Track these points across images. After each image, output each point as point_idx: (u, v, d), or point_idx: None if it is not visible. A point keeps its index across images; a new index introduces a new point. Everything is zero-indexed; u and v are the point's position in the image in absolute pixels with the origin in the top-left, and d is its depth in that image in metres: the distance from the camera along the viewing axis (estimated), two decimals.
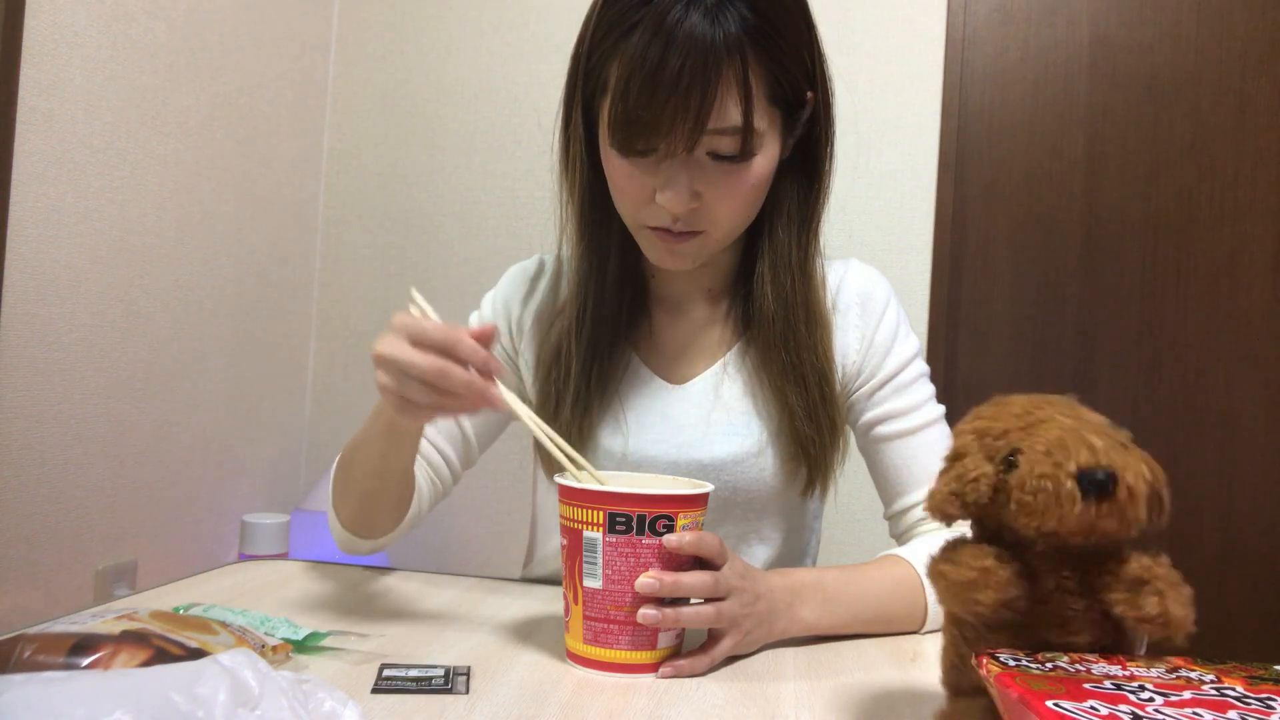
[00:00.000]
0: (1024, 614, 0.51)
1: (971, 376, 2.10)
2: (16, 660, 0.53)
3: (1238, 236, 2.01)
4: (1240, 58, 2.02)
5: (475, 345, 0.71)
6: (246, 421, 2.11)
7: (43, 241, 1.55)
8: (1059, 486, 0.48)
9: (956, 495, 0.52)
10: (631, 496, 0.68)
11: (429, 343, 0.70)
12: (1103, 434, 0.51)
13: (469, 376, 0.70)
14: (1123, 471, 0.48)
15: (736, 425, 0.93)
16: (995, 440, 0.53)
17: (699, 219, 0.84)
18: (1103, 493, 0.48)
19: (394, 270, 2.32)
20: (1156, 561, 0.51)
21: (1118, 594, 0.50)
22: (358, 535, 0.93)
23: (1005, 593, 0.50)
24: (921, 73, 2.09)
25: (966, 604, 0.51)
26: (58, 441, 1.60)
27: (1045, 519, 0.49)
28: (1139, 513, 0.49)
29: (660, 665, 0.70)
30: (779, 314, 0.91)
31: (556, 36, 2.23)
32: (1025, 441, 0.51)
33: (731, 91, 0.77)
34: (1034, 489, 0.49)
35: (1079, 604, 0.52)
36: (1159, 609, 0.49)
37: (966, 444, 0.55)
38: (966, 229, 2.11)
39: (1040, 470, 0.49)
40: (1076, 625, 0.52)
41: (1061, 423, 0.52)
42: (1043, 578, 0.52)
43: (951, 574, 0.51)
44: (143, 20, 1.72)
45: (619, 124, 0.80)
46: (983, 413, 0.56)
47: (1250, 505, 1.99)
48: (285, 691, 0.48)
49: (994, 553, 0.51)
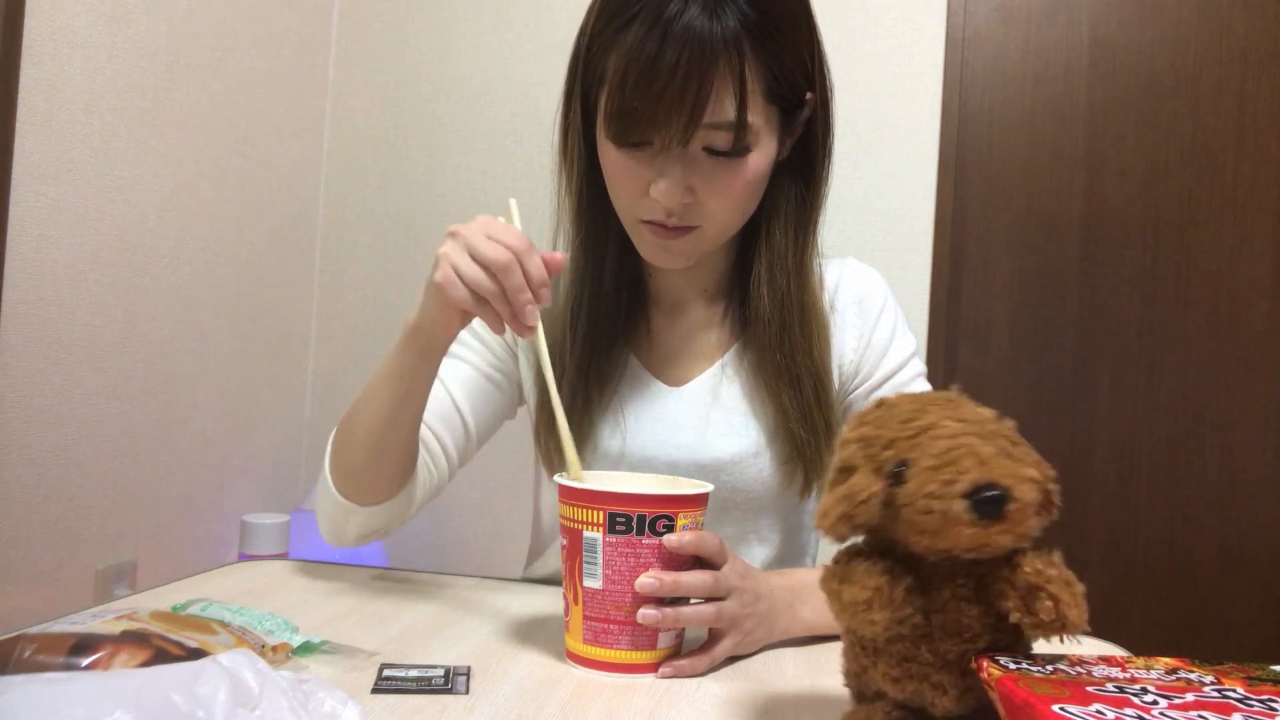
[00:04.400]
0: (919, 625, 0.51)
1: (971, 376, 2.10)
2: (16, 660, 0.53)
3: (1238, 236, 2.01)
4: (1240, 58, 2.02)
5: (541, 265, 0.74)
6: (246, 421, 2.11)
7: (43, 241, 1.54)
8: (948, 507, 0.47)
9: (847, 517, 0.51)
10: (631, 496, 0.68)
11: (504, 241, 0.73)
12: (990, 437, 0.50)
13: (524, 284, 0.73)
14: (1013, 486, 0.47)
15: (735, 426, 0.93)
16: (883, 450, 0.51)
17: (693, 214, 0.84)
18: (994, 512, 0.47)
19: (394, 270, 2.32)
20: (1049, 563, 0.50)
21: (1012, 602, 0.50)
22: (354, 502, 0.89)
23: (899, 611, 0.50)
24: (921, 73, 2.09)
25: (860, 623, 0.50)
26: (58, 441, 1.60)
27: (937, 539, 0.49)
28: (1031, 525, 0.48)
29: (660, 665, 0.70)
30: (774, 316, 0.91)
31: (556, 36, 2.23)
32: (912, 453, 0.50)
33: (727, 86, 0.78)
34: (923, 509, 0.48)
35: (974, 610, 0.51)
36: (1054, 615, 0.49)
37: (852, 455, 0.53)
38: (966, 229, 2.11)
39: (929, 489, 0.48)
40: (973, 632, 0.51)
41: (948, 429, 0.50)
42: (937, 588, 0.51)
43: (845, 593, 0.51)
44: (143, 20, 1.72)
45: (615, 115, 0.80)
46: (866, 418, 0.54)
47: (1250, 505, 1.99)
48: (285, 691, 0.48)
49: (886, 569, 0.50)
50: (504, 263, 0.72)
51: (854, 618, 0.50)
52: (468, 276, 0.73)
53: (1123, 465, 2.04)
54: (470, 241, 0.73)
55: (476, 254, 0.73)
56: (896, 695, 0.53)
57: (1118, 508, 2.03)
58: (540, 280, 0.74)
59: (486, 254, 0.72)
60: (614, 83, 0.79)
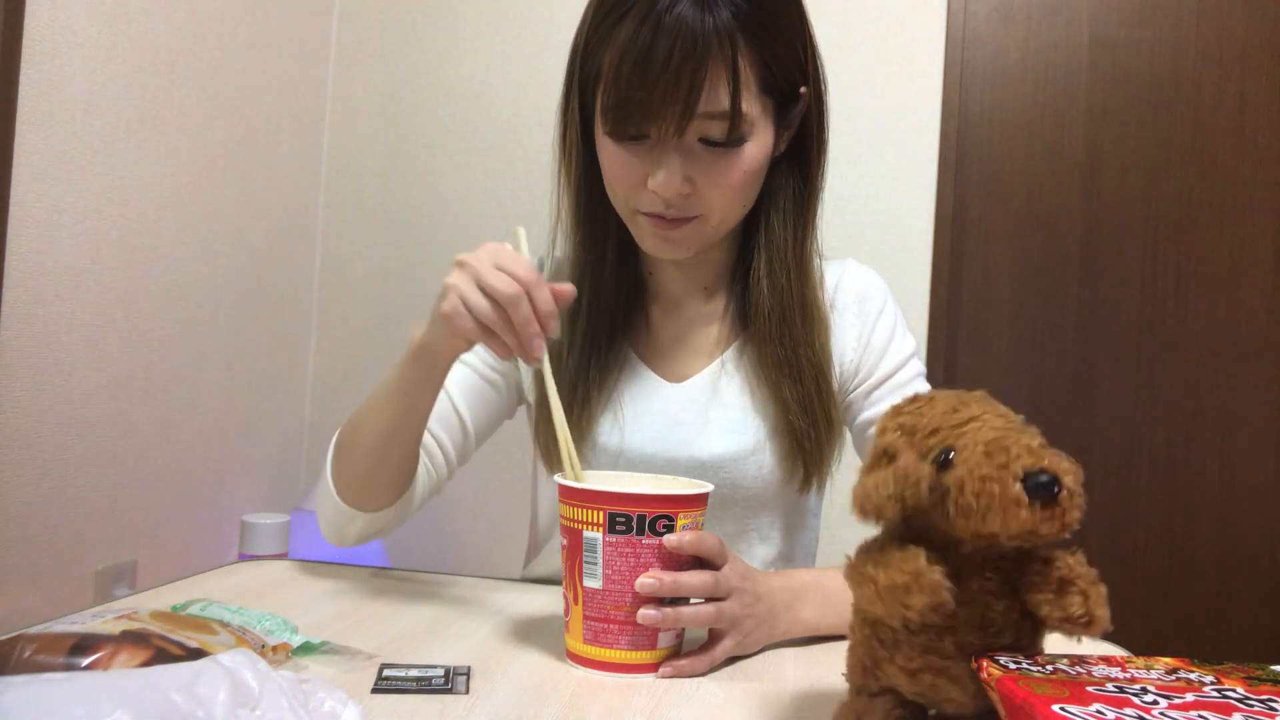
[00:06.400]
0: (948, 616, 0.51)
1: (971, 376, 2.10)
2: (16, 660, 0.53)
3: (1238, 236, 2.01)
4: (1240, 58, 2.02)
5: (550, 298, 0.74)
6: (246, 421, 2.11)
7: (43, 241, 1.54)
8: (1005, 489, 0.47)
9: (896, 498, 0.50)
10: (631, 496, 0.68)
11: (512, 273, 0.73)
12: (1031, 433, 0.50)
13: (531, 317, 0.73)
14: (1063, 474, 0.48)
15: (735, 422, 0.93)
16: (926, 438, 0.51)
17: (692, 205, 0.85)
18: (1048, 496, 0.47)
19: (394, 270, 2.32)
20: (1077, 560, 0.50)
21: (1043, 595, 0.50)
22: (355, 508, 0.90)
23: (937, 596, 0.49)
24: (921, 73, 2.09)
25: (897, 609, 0.50)
26: (58, 441, 1.60)
27: (987, 522, 0.48)
28: (1076, 515, 0.48)
29: (660, 665, 0.70)
30: (775, 309, 0.91)
31: (556, 37, 2.23)
32: (959, 440, 0.50)
33: (721, 76, 0.78)
34: (976, 491, 0.48)
35: (1000, 605, 0.51)
36: (1083, 609, 0.49)
37: (894, 442, 0.52)
38: (966, 229, 2.11)
39: (983, 472, 0.48)
40: (997, 626, 0.51)
41: (992, 421, 0.50)
42: (967, 579, 0.51)
43: (882, 578, 0.50)
44: (143, 20, 1.72)
45: (611, 108, 0.81)
46: (904, 408, 0.54)
47: (1250, 505, 1.99)
48: (285, 691, 0.48)
49: (924, 555, 0.50)
50: (512, 295, 0.72)
51: (890, 604, 0.50)
52: (476, 308, 0.73)
53: (1123, 465, 2.04)
54: (478, 273, 0.73)
55: (485, 286, 0.73)
56: (911, 689, 0.53)
57: (1118, 508, 2.03)
58: (548, 313, 0.73)
59: (495, 286, 0.72)
60: (609, 77, 0.80)
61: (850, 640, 0.57)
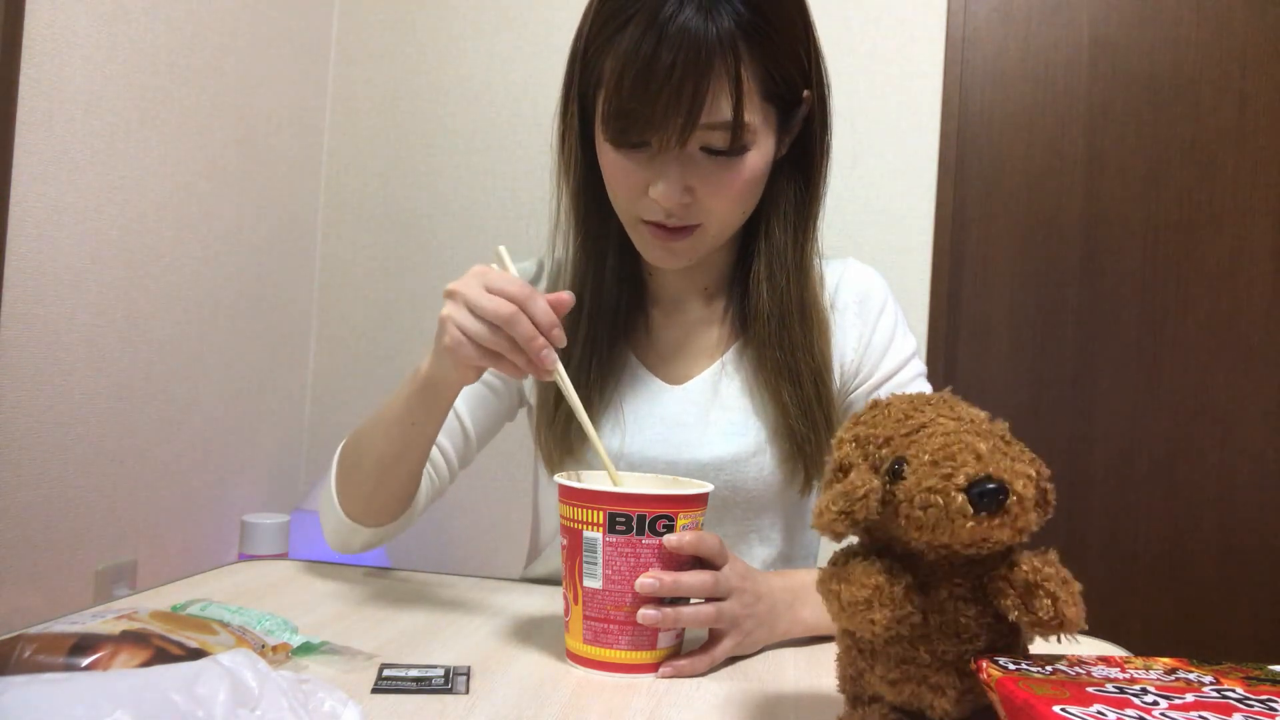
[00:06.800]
0: (917, 625, 0.51)
1: (971, 376, 2.10)
2: (16, 660, 0.53)
3: (1238, 236, 2.01)
4: (1240, 58, 2.01)
5: (547, 308, 0.72)
6: (246, 421, 2.11)
7: (43, 241, 1.54)
8: (949, 501, 0.47)
9: (846, 514, 0.50)
10: (631, 496, 0.68)
11: (504, 292, 0.71)
12: (986, 435, 0.50)
13: (534, 332, 0.71)
14: (1011, 480, 0.47)
15: (735, 424, 0.93)
16: (878, 449, 0.52)
17: (693, 214, 0.84)
18: (994, 505, 0.47)
19: (394, 270, 2.32)
20: (1045, 561, 0.50)
21: (1010, 600, 0.50)
22: (359, 523, 0.91)
23: (899, 610, 0.49)
24: (921, 73, 2.09)
25: (860, 623, 0.50)
26: (58, 441, 1.60)
27: (936, 533, 0.48)
28: (1030, 520, 0.48)
29: (660, 665, 0.70)
30: (774, 312, 0.91)
31: (556, 37, 2.23)
32: (909, 450, 0.50)
33: (723, 86, 0.78)
34: (923, 504, 0.48)
35: (971, 611, 0.51)
36: (1052, 613, 0.49)
37: (849, 454, 0.53)
38: (966, 229, 2.11)
39: (928, 484, 0.48)
40: (970, 632, 0.51)
41: (944, 426, 0.50)
42: (935, 587, 0.51)
43: (844, 593, 0.50)
44: (143, 20, 1.72)
45: (612, 117, 0.80)
46: (861, 418, 0.55)
47: (1250, 505, 1.99)
48: (285, 691, 0.48)
49: (885, 568, 0.50)
50: (508, 315, 0.71)
51: (853, 618, 0.50)
52: (475, 335, 0.72)
53: (1123, 464, 2.04)
54: (470, 299, 0.72)
55: (479, 310, 0.72)
56: (894, 698, 0.53)
57: (1118, 507, 2.03)
58: (549, 324, 0.72)
59: (489, 309, 0.71)
60: (611, 84, 0.79)
61: (838, 650, 0.57)
